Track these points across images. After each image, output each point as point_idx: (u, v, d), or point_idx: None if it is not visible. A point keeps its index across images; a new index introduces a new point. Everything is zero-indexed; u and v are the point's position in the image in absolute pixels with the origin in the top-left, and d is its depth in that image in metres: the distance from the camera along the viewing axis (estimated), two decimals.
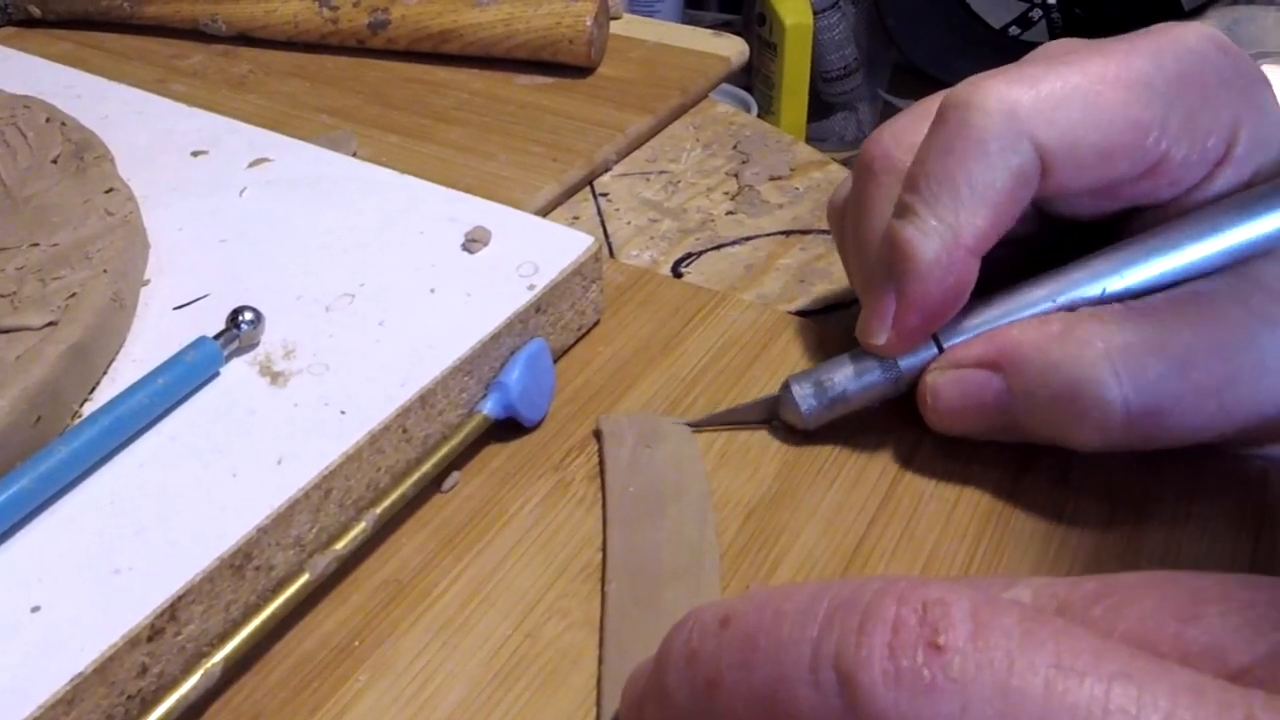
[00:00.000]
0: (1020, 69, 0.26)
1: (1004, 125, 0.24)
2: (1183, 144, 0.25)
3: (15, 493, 0.23)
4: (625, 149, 0.44)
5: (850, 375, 0.28)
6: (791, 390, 0.28)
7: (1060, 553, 0.26)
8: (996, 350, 0.26)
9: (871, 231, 0.28)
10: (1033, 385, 0.25)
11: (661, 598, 0.24)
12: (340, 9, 0.50)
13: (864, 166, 0.28)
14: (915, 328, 0.26)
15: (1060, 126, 0.25)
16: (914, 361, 0.27)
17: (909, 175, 0.26)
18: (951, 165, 0.25)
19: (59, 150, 0.35)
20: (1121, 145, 0.25)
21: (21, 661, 0.21)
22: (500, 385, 0.29)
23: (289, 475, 0.25)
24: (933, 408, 0.27)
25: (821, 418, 0.28)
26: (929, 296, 0.26)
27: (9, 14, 0.54)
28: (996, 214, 0.25)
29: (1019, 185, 0.25)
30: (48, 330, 0.27)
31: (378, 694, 0.23)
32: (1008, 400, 0.26)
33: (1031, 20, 1.18)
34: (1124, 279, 0.26)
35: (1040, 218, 0.28)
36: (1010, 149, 0.25)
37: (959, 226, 0.25)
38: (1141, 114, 0.25)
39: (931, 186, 0.25)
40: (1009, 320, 0.27)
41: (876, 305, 0.27)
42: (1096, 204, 0.27)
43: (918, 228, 0.25)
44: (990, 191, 0.25)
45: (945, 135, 0.25)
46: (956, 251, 0.25)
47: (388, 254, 0.32)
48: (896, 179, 0.27)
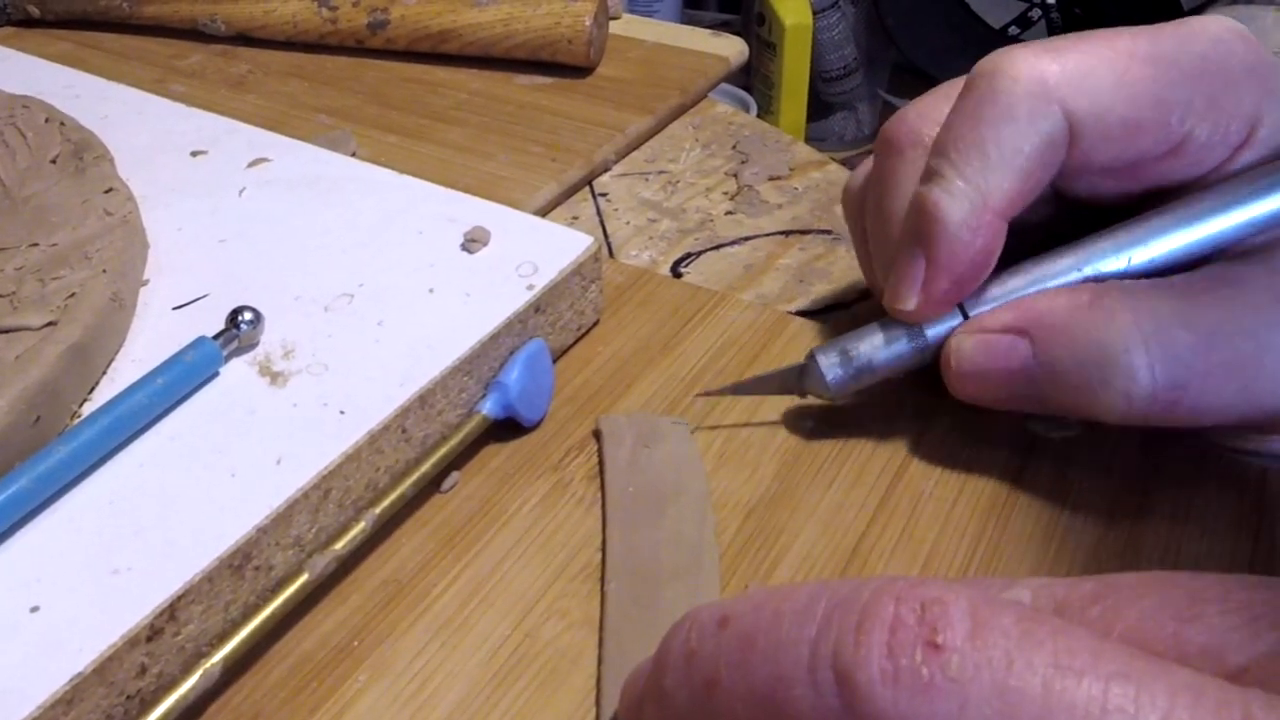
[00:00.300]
0: (1048, 43, 0.26)
1: (1034, 91, 0.25)
2: (1205, 125, 0.25)
3: (15, 493, 0.23)
4: (624, 149, 0.44)
5: (876, 344, 0.28)
6: (817, 360, 0.28)
7: (1060, 553, 0.26)
8: (1024, 317, 0.26)
9: (896, 205, 0.28)
10: (1060, 352, 0.25)
11: (661, 597, 0.24)
12: (339, 9, 0.50)
13: (888, 142, 0.29)
14: (944, 292, 0.26)
15: (1089, 96, 0.25)
16: (940, 330, 0.27)
17: (937, 141, 0.26)
18: (981, 130, 0.25)
19: (58, 150, 0.35)
20: (1147, 120, 0.25)
21: (21, 661, 0.21)
22: (499, 385, 0.29)
23: (288, 475, 0.25)
24: (956, 371, 0.27)
25: (847, 388, 0.28)
26: (957, 259, 0.26)
27: (8, 14, 0.54)
28: (1024, 179, 0.25)
29: (1047, 151, 0.25)
30: (47, 330, 0.27)
31: (377, 694, 0.23)
32: (1033, 367, 0.26)
33: (1031, 20, 1.19)
34: (1149, 249, 0.26)
35: (1058, 201, 0.28)
36: (1040, 114, 0.25)
37: (987, 189, 0.25)
38: (1167, 92, 0.25)
39: (960, 150, 0.25)
40: (1035, 289, 0.27)
41: (905, 271, 0.27)
42: (1117, 184, 0.27)
43: (946, 189, 0.25)
44: (1019, 156, 0.25)
45: (974, 101, 0.25)
46: (984, 214, 0.25)
47: (387, 254, 0.32)
48: (922, 153, 0.27)
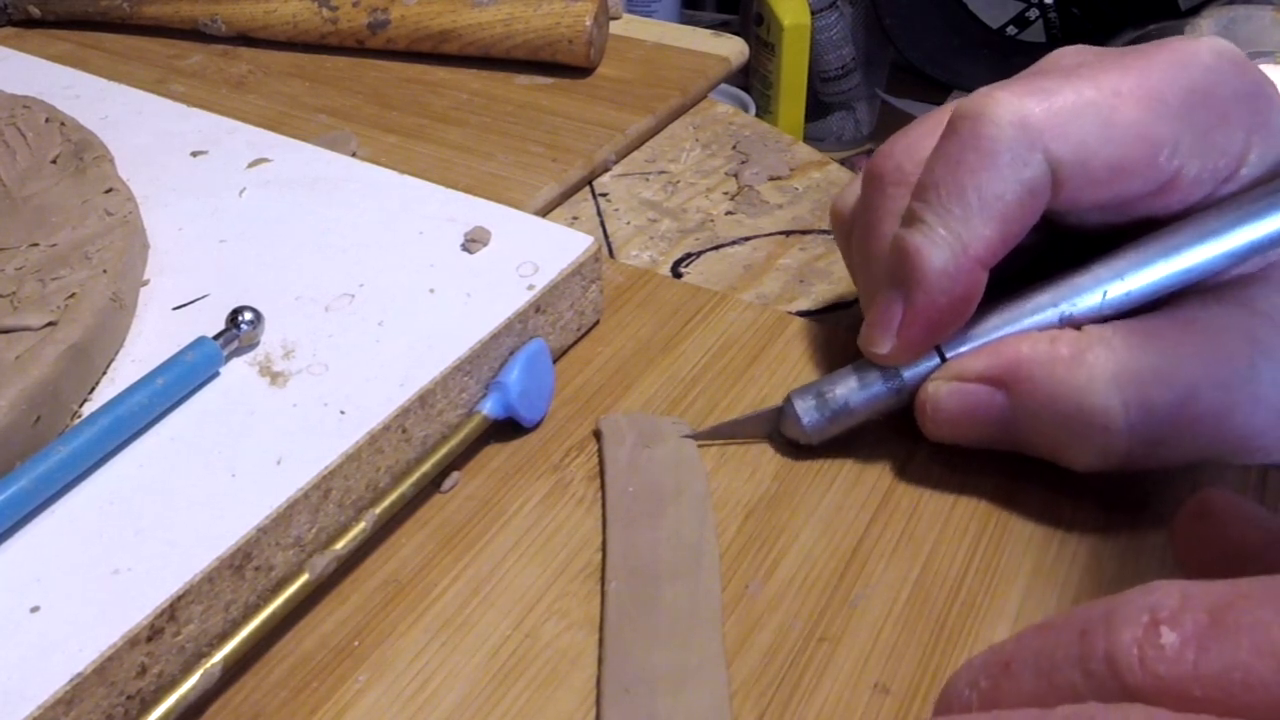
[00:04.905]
0: (1032, 80, 0.25)
1: (1015, 137, 0.24)
2: (1195, 162, 0.25)
3: (15, 493, 0.23)
4: (625, 149, 0.44)
5: (852, 387, 0.28)
6: (794, 404, 0.28)
7: (1060, 552, 0.26)
8: (1002, 367, 0.26)
9: (879, 243, 0.27)
10: (1038, 406, 0.25)
11: (661, 597, 0.24)
12: (340, 9, 0.50)
13: (874, 177, 0.28)
14: (920, 337, 0.26)
15: (1073, 141, 0.24)
16: (918, 371, 0.27)
17: (918, 185, 0.26)
18: (962, 176, 0.25)
19: (58, 150, 0.35)
20: (1134, 162, 0.25)
21: (21, 661, 0.21)
22: (500, 385, 0.29)
23: (288, 475, 0.25)
24: (932, 418, 0.27)
25: (825, 431, 0.28)
26: (935, 306, 0.25)
27: (9, 14, 0.54)
28: (1006, 226, 0.25)
29: (1029, 198, 0.25)
30: (47, 330, 0.27)
31: (377, 694, 0.23)
32: (1010, 418, 0.26)
33: (1028, 20, 1.18)
34: (1125, 283, 0.26)
35: (1046, 229, 0.28)
36: (1021, 161, 0.24)
37: (968, 237, 0.25)
38: (1156, 130, 0.24)
39: (941, 196, 0.25)
40: (1012, 329, 0.26)
41: (882, 314, 0.26)
42: (1104, 217, 0.27)
43: (926, 237, 0.25)
44: (1000, 203, 0.25)
45: (956, 146, 0.25)
46: (965, 262, 0.25)
47: (387, 254, 0.32)
48: (906, 191, 0.27)
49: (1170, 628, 0.14)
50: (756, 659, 0.24)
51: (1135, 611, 0.15)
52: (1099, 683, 0.15)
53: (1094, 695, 0.15)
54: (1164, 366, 0.24)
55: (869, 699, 0.23)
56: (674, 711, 0.22)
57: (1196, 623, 0.14)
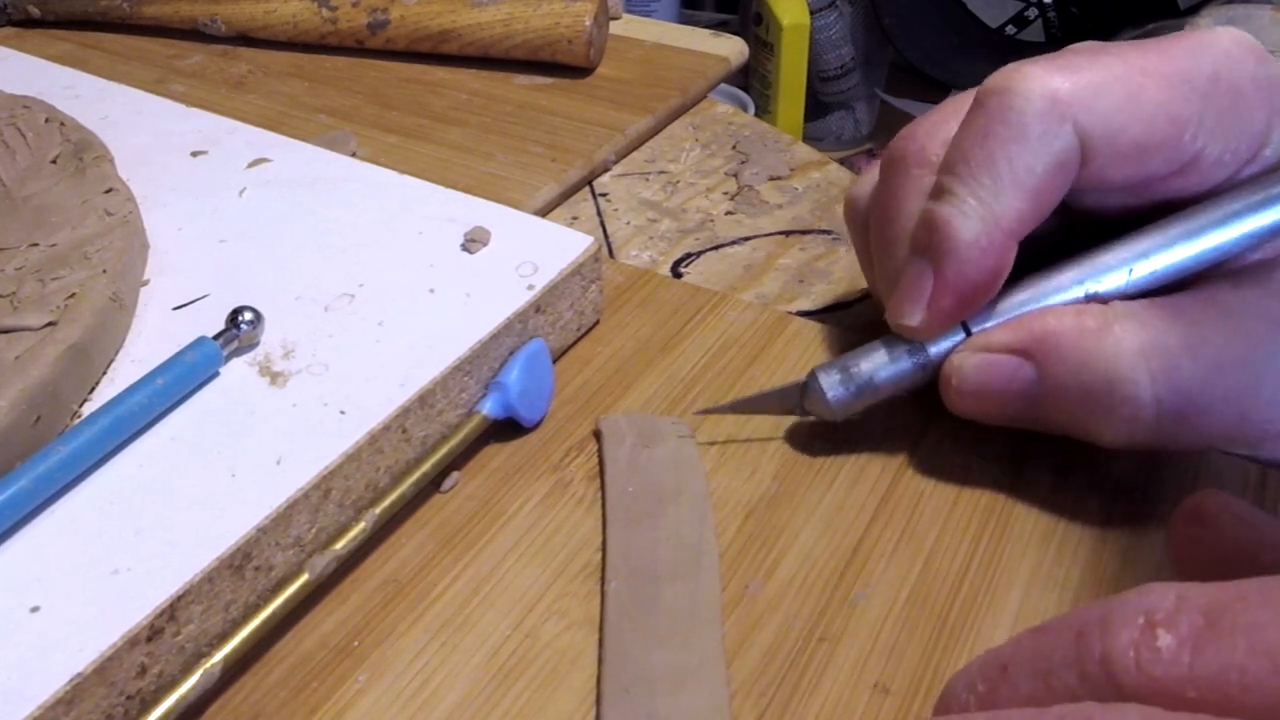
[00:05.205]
0: (1058, 58, 0.25)
1: (1045, 109, 0.24)
2: (1217, 143, 0.25)
3: (15, 493, 0.23)
4: (624, 149, 0.44)
5: (878, 362, 0.27)
6: (818, 379, 0.28)
7: (1060, 551, 0.26)
8: (1030, 338, 0.26)
9: (901, 224, 0.27)
10: (1065, 378, 0.25)
11: (661, 597, 0.24)
12: (339, 9, 0.50)
13: (895, 159, 0.28)
14: (950, 309, 0.26)
15: (1101, 114, 0.24)
16: (944, 347, 0.27)
17: (947, 159, 0.26)
18: (992, 148, 0.25)
19: (58, 150, 0.35)
20: (1160, 139, 0.25)
21: (21, 661, 0.21)
22: (499, 385, 0.29)
23: (288, 475, 0.25)
24: (956, 389, 0.27)
25: (849, 407, 0.28)
26: (966, 278, 0.25)
27: (9, 14, 0.54)
28: (1036, 199, 0.25)
29: (1059, 171, 0.25)
30: (47, 330, 0.27)
31: (377, 694, 0.23)
32: (1035, 390, 0.26)
33: (1028, 19, 1.18)
34: (1150, 263, 0.26)
35: (1063, 213, 0.28)
36: (1052, 134, 0.24)
37: (999, 209, 0.25)
38: (1180, 109, 0.25)
39: (971, 169, 0.25)
40: (1038, 305, 0.26)
41: (911, 286, 0.26)
42: (1124, 199, 0.27)
43: (957, 208, 0.25)
44: (1030, 176, 0.25)
45: (985, 119, 0.25)
46: (996, 234, 0.25)
47: (387, 254, 0.32)
48: (929, 172, 0.27)
49: (1166, 630, 0.14)
50: (756, 659, 0.24)
51: (1131, 614, 0.15)
52: (1095, 685, 0.15)
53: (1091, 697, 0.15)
54: (1190, 341, 0.24)
55: (869, 699, 0.23)
56: (674, 711, 0.22)
57: (1192, 624, 0.14)
